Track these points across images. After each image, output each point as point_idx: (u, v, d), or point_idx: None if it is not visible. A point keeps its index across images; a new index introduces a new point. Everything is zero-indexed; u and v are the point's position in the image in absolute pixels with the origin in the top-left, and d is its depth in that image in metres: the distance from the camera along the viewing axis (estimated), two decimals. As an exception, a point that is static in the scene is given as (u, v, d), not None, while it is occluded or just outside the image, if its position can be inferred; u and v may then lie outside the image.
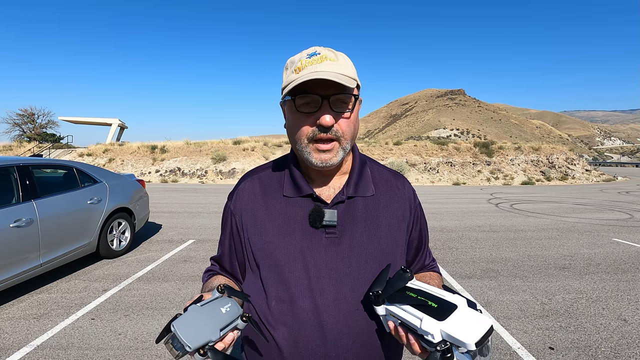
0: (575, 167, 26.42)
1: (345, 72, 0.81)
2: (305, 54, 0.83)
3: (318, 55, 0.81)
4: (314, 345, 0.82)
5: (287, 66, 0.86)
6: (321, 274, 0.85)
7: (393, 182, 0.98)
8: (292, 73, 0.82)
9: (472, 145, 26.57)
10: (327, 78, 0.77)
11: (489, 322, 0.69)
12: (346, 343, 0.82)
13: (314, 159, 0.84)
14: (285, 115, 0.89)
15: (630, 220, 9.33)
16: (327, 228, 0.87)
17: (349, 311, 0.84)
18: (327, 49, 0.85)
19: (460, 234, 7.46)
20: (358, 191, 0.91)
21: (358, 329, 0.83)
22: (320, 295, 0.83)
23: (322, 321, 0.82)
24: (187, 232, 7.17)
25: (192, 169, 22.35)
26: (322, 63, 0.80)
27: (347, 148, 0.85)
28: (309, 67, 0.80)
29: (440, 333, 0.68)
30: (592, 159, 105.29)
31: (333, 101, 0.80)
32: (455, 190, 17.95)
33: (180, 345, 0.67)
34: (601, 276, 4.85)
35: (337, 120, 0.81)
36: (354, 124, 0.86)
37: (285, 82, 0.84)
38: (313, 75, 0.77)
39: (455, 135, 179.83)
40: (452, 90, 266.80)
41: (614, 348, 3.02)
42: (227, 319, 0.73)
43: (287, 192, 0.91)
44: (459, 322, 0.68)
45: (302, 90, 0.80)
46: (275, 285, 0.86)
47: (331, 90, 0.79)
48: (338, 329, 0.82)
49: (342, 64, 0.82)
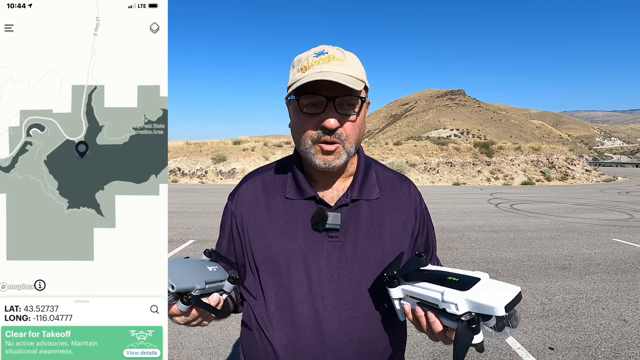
0: (575, 167, 26.44)
1: (352, 73, 0.78)
2: (312, 52, 0.81)
3: (326, 54, 0.79)
4: (313, 354, 0.80)
5: (294, 64, 0.84)
6: (323, 279, 0.82)
7: (398, 185, 0.95)
8: (298, 72, 0.80)
9: (472, 145, 26.58)
10: (333, 79, 0.74)
11: (517, 288, 0.64)
12: (346, 352, 0.80)
13: (318, 160, 0.81)
14: (290, 113, 0.87)
15: (630, 220, 9.34)
16: (330, 231, 0.84)
17: (350, 319, 0.81)
18: (336, 48, 0.82)
19: (460, 234, 7.46)
20: (362, 194, 0.88)
21: (359, 337, 0.81)
22: (321, 302, 0.81)
23: (322, 328, 0.80)
24: (187, 232, 7.18)
25: (192, 169, 22.36)
26: (329, 63, 0.78)
27: (351, 152, 0.83)
28: (316, 67, 0.78)
29: (465, 302, 0.62)
30: (592, 159, 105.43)
31: (339, 103, 0.78)
32: (455, 191, 17.95)
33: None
34: (601, 276, 4.85)
35: (342, 123, 0.79)
36: (359, 127, 0.83)
37: (291, 81, 0.82)
38: (319, 76, 0.75)
39: (455, 136, 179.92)
40: (452, 90, 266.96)
41: (614, 348, 3.02)
42: (213, 276, 0.71)
43: (289, 194, 0.89)
44: (485, 290, 0.63)
45: (308, 90, 0.77)
46: (275, 290, 0.84)
47: (337, 92, 0.77)
48: (338, 337, 0.80)
49: (350, 65, 0.80)
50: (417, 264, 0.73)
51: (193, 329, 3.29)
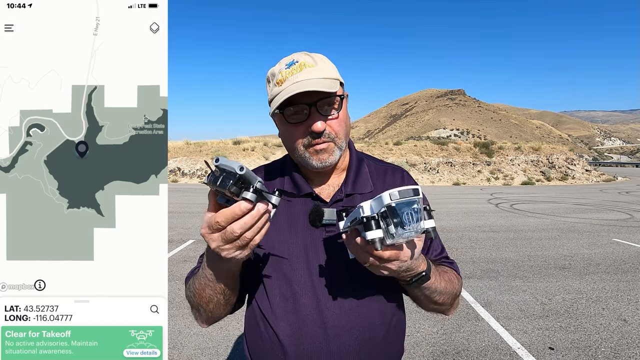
0: (575, 167, 26.44)
1: (326, 75, 0.82)
2: (284, 64, 0.85)
3: (296, 63, 0.83)
4: (317, 342, 0.84)
5: (268, 79, 0.88)
6: (323, 271, 0.86)
7: (391, 175, 0.99)
8: (275, 86, 0.84)
9: (472, 145, 26.59)
10: (309, 89, 0.78)
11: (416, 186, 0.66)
12: (348, 340, 0.84)
13: (314, 161, 0.86)
14: (277, 125, 0.92)
15: (630, 220, 9.34)
16: (327, 226, 0.88)
17: (351, 308, 0.85)
18: (304, 53, 0.86)
19: (460, 234, 7.47)
20: (356, 188, 0.92)
21: (359, 325, 0.85)
22: (322, 293, 0.85)
23: (324, 318, 0.84)
24: (186, 232, 7.19)
25: (192, 169, 22.37)
26: (302, 72, 0.81)
27: (342, 146, 0.88)
28: (290, 78, 0.81)
29: (370, 205, 0.66)
30: (592, 159, 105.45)
31: (320, 106, 0.82)
32: (455, 191, 17.96)
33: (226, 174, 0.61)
34: (601, 276, 4.85)
35: (327, 123, 0.84)
36: (344, 122, 0.87)
37: (270, 96, 0.86)
38: (296, 88, 0.78)
39: (455, 136, 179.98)
40: (452, 90, 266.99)
41: (614, 348, 3.02)
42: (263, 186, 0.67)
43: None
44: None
45: (289, 102, 0.81)
46: (277, 283, 0.88)
47: (316, 97, 0.81)
48: (340, 325, 0.84)
49: (322, 68, 0.84)
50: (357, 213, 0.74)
51: (193, 329, 3.29)
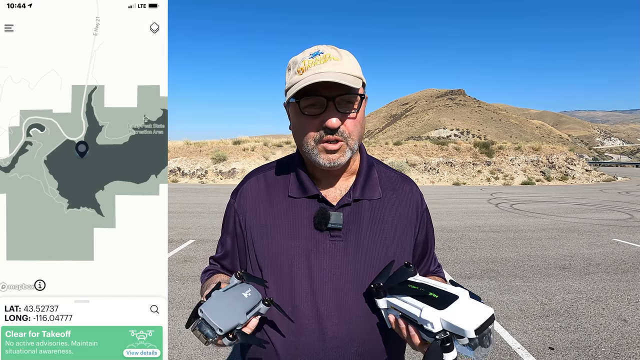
0: (575, 167, 26.43)
1: (350, 72, 0.79)
2: (308, 53, 0.81)
3: (321, 54, 0.79)
4: (314, 353, 0.80)
5: (289, 67, 0.84)
6: (325, 279, 0.83)
7: (400, 185, 0.95)
8: (295, 74, 0.80)
9: (472, 145, 26.57)
10: (332, 80, 0.74)
11: (490, 311, 0.68)
12: (347, 352, 0.81)
13: (322, 160, 0.81)
14: (289, 116, 0.88)
15: (630, 220, 9.34)
16: (332, 231, 0.84)
17: (352, 318, 0.82)
18: (331, 47, 0.82)
19: (460, 234, 7.46)
20: (365, 194, 0.89)
21: (360, 337, 0.82)
22: (323, 301, 0.82)
23: (324, 328, 0.81)
24: (186, 232, 7.18)
25: (192, 169, 22.35)
26: (325, 63, 0.78)
27: (354, 148, 0.83)
28: (313, 68, 0.77)
29: (440, 322, 0.67)
30: (592, 159, 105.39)
31: (338, 102, 0.78)
32: (455, 191, 17.95)
33: (209, 330, 0.67)
34: (601, 276, 4.85)
35: (343, 121, 0.80)
36: (360, 124, 0.84)
37: (288, 84, 0.82)
38: (317, 78, 0.75)
39: (455, 135, 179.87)
40: (452, 90, 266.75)
41: (614, 348, 3.02)
42: (250, 303, 0.73)
43: (292, 192, 0.89)
44: (459, 311, 0.68)
45: (307, 92, 0.77)
46: (277, 288, 0.84)
47: (336, 91, 0.77)
48: (340, 336, 0.81)
49: (347, 63, 0.80)
50: (404, 275, 0.77)
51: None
